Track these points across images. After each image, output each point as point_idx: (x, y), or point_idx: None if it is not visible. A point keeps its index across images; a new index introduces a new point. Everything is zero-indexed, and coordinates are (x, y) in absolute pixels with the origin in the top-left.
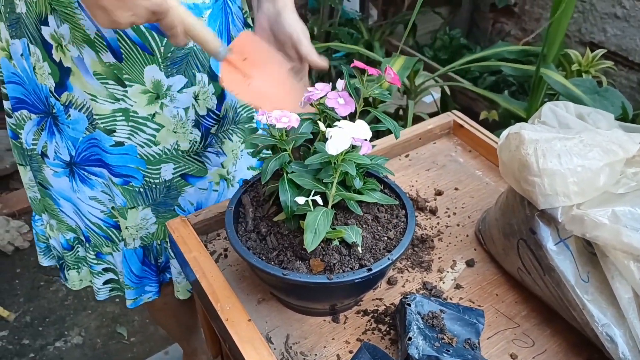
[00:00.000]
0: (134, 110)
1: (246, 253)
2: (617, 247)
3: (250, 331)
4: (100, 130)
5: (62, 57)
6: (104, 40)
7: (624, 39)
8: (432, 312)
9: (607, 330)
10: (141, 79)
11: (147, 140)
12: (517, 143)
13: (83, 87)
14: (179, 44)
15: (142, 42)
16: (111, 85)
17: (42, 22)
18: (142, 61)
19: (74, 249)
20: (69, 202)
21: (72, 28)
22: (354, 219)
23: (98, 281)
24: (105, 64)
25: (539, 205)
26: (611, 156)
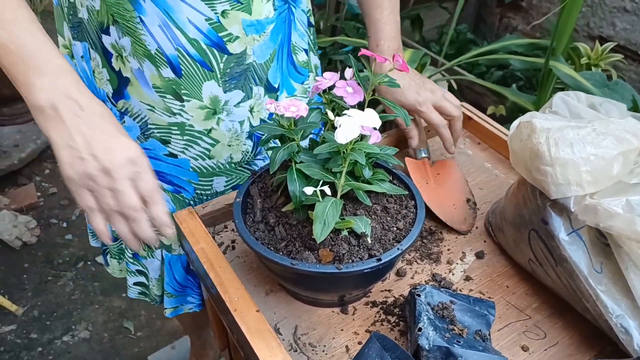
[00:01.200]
0: (190, 124)
1: (255, 243)
2: (631, 237)
3: (258, 322)
4: (154, 139)
5: (121, 67)
6: (164, 57)
7: (633, 32)
8: (442, 303)
9: (622, 322)
10: (199, 95)
11: (201, 154)
12: (528, 132)
13: (141, 97)
14: None
15: (202, 59)
16: (169, 99)
17: (103, 31)
18: (201, 77)
19: (118, 240)
20: None
21: (133, 42)
22: (363, 210)
23: (130, 280)
24: (164, 79)
25: (551, 195)
26: (625, 145)
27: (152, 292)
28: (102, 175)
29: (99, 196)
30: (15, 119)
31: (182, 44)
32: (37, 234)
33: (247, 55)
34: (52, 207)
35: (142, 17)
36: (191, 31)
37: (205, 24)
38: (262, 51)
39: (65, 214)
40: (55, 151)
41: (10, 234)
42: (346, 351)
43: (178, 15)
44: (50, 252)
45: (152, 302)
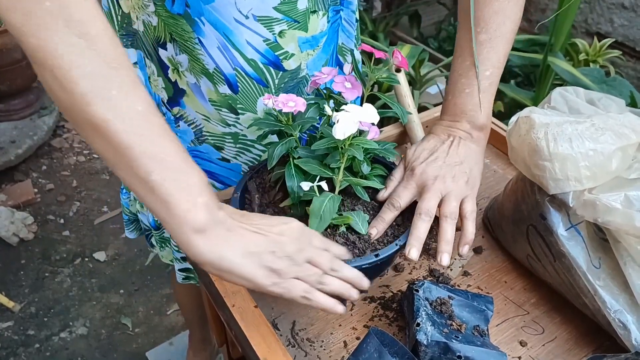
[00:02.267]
0: (244, 134)
1: None
2: (630, 232)
3: (256, 317)
4: (208, 145)
5: (177, 79)
6: (222, 75)
7: (631, 29)
8: (440, 298)
9: (620, 317)
10: (254, 109)
11: (253, 160)
12: (527, 127)
13: (196, 108)
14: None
15: (259, 77)
16: (224, 112)
17: (160, 45)
18: (257, 92)
19: (160, 229)
20: None
21: (191, 59)
22: (361, 205)
23: (177, 266)
24: (220, 95)
25: (549, 190)
26: (623, 140)
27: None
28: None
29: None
30: (12, 115)
31: (240, 64)
32: (34, 231)
33: (301, 70)
34: (49, 204)
35: (200, 39)
36: (249, 52)
37: (262, 45)
38: (315, 63)
39: (62, 210)
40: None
41: (7, 231)
42: (344, 346)
43: (237, 38)
44: (47, 248)
45: (197, 283)
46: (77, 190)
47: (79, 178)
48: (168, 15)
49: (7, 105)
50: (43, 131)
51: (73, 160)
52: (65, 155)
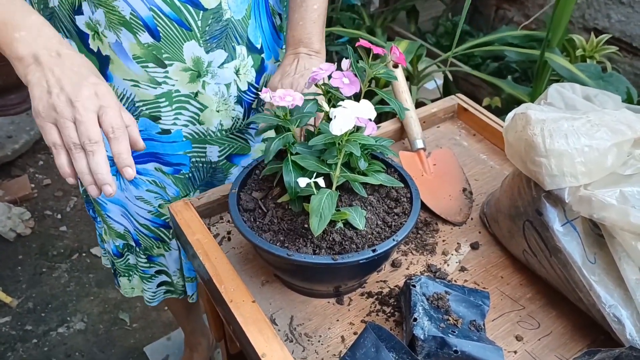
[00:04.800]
0: (177, 90)
1: (251, 235)
2: (625, 228)
3: (254, 312)
4: (145, 118)
5: (99, 46)
6: (139, 20)
7: (628, 25)
8: (437, 294)
9: (614, 312)
10: (181, 57)
11: (191, 119)
12: (523, 123)
13: (124, 74)
14: None
15: (179, 18)
16: (151, 68)
17: (75, 11)
18: (181, 38)
19: (123, 256)
20: (116, 205)
21: (106, 12)
22: (359, 201)
23: (151, 285)
24: (143, 46)
25: (545, 186)
26: (619, 136)
27: (177, 286)
28: (66, 107)
29: (62, 129)
30: (8, 109)
31: (156, 3)
32: (31, 226)
33: (224, 10)
34: (46, 199)
35: None
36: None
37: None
38: (237, 5)
39: (60, 206)
40: (30, 91)
41: (4, 226)
42: (342, 341)
43: None
44: (44, 243)
45: (179, 296)
46: (74, 185)
47: None
48: None
49: (3, 100)
50: None
51: None
52: None
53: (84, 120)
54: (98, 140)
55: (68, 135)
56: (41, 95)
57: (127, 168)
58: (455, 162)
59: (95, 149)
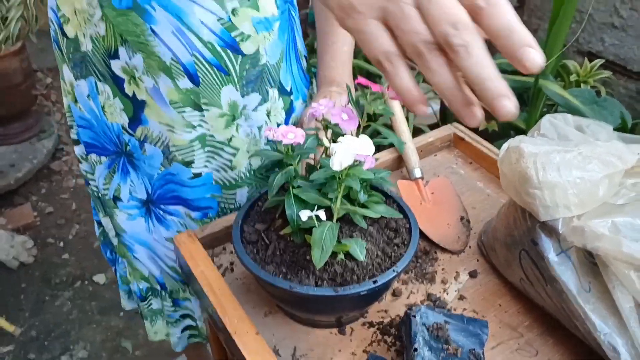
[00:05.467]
0: (211, 135)
1: (254, 267)
2: (617, 258)
3: (258, 344)
4: (178, 163)
5: (135, 90)
6: (180, 65)
7: (622, 48)
8: (437, 324)
9: (610, 340)
10: (218, 102)
11: (223, 165)
12: (517, 156)
13: (159, 118)
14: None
15: (219, 63)
16: (188, 113)
17: (111, 56)
18: (219, 82)
19: (147, 300)
20: (143, 247)
21: (146, 57)
22: (359, 232)
23: (177, 330)
24: (182, 91)
25: (540, 217)
26: (610, 167)
27: (202, 330)
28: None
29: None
30: (11, 138)
31: (198, 49)
32: (34, 254)
33: (261, 55)
34: (48, 227)
35: (153, 28)
36: (205, 34)
37: (217, 25)
38: (273, 50)
39: (62, 234)
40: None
41: (7, 254)
42: None
43: (190, 19)
44: (47, 271)
45: (203, 340)
46: (77, 213)
47: (78, 201)
48: (117, 13)
49: (6, 129)
50: (42, 154)
51: (72, 183)
52: (64, 178)
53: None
54: (469, 23)
55: (412, 31)
56: None
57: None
58: (452, 190)
59: (468, 38)
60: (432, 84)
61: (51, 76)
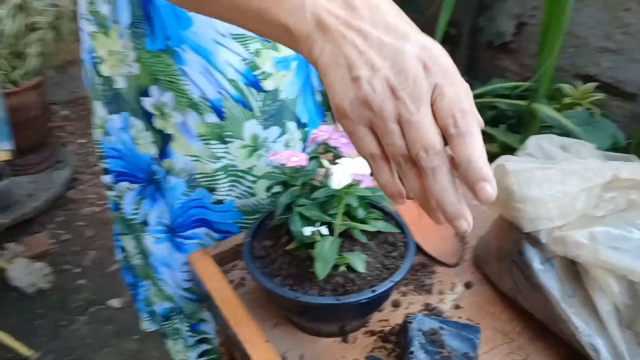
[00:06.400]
0: (233, 165)
1: (263, 280)
2: (596, 265)
3: (267, 351)
4: (202, 189)
5: (163, 125)
6: (208, 102)
7: (617, 71)
8: (432, 329)
9: (591, 341)
10: (241, 135)
11: (245, 192)
12: (502, 174)
13: (186, 150)
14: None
15: (242, 99)
16: (213, 145)
17: (142, 94)
18: (242, 117)
19: (171, 319)
20: (168, 268)
21: (176, 95)
22: (359, 246)
23: (193, 354)
24: (208, 125)
25: (524, 229)
26: (587, 182)
27: (217, 350)
28: (384, 100)
29: (381, 135)
30: (28, 169)
31: (224, 86)
32: (51, 280)
33: (280, 92)
34: (64, 254)
35: (183, 68)
36: (230, 73)
37: (242, 64)
38: (291, 87)
39: (78, 260)
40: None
41: (25, 281)
42: None
43: (217, 59)
44: (63, 297)
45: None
46: (92, 240)
47: (93, 228)
48: (150, 55)
49: (23, 160)
50: (59, 184)
51: (88, 210)
52: (80, 207)
53: (415, 119)
54: (439, 150)
55: (392, 144)
56: (342, 83)
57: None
58: None
59: (436, 163)
60: (404, 185)
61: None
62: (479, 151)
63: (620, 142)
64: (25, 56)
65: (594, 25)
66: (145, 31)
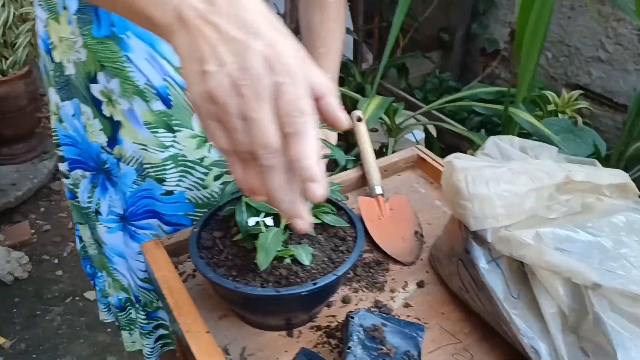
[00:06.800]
0: (183, 155)
1: (205, 269)
2: (541, 266)
3: (207, 342)
4: (151, 179)
5: (112, 112)
6: (153, 89)
7: (608, 81)
8: (374, 325)
9: (532, 343)
10: (189, 124)
11: (195, 184)
12: (450, 171)
13: (134, 138)
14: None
15: None
16: (161, 133)
17: (91, 80)
18: (190, 105)
19: (126, 310)
20: (122, 259)
21: (122, 82)
22: (307, 239)
23: (150, 341)
24: (155, 113)
25: (471, 227)
26: (537, 182)
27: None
28: (228, 95)
29: (227, 129)
30: (15, 158)
31: (170, 74)
32: (28, 270)
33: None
34: (44, 244)
35: (128, 55)
36: (176, 60)
37: None
38: None
39: (57, 251)
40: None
41: (2, 269)
42: None
43: (162, 46)
44: (40, 287)
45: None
46: (72, 231)
47: None
48: (96, 41)
49: (11, 150)
50: (43, 174)
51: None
52: (63, 198)
53: (255, 117)
54: (276, 149)
55: (237, 140)
56: (194, 76)
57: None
58: (409, 207)
59: (272, 162)
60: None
61: None
62: (311, 152)
63: (600, 152)
64: (14, 46)
65: (586, 35)
66: (91, 17)
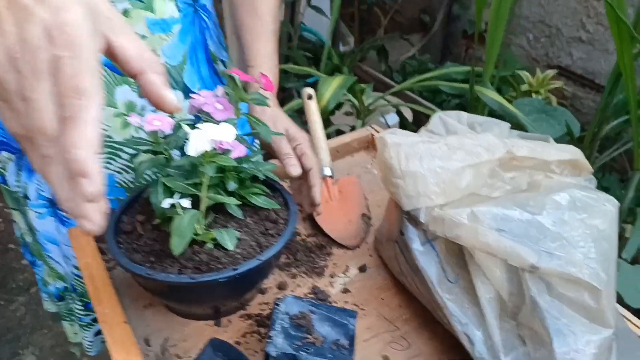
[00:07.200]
0: (109, 135)
1: (119, 256)
2: (476, 247)
3: (123, 333)
4: None
5: None
6: None
7: (589, 62)
8: (301, 313)
9: (466, 330)
10: (113, 102)
11: (124, 167)
12: (382, 147)
13: None
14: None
15: (111, 63)
16: None
17: None
18: (112, 82)
19: (64, 299)
20: (55, 245)
21: None
22: (235, 222)
23: (88, 334)
24: None
25: (404, 207)
26: (474, 158)
27: None
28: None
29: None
30: None
31: None
32: None
33: (158, 56)
34: (11, 233)
35: None
36: None
37: None
38: (172, 52)
39: None
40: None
41: None
42: None
43: None
44: (5, 276)
45: None
46: None
47: None
48: None
49: None
50: None
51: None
52: None
53: (30, 97)
54: (52, 137)
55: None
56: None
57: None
58: (359, 189)
59: (47, 152)
60: None
61: None
62: (84, 140)
63: (574, 133)
64: None
65: (567, 15)
66: None
